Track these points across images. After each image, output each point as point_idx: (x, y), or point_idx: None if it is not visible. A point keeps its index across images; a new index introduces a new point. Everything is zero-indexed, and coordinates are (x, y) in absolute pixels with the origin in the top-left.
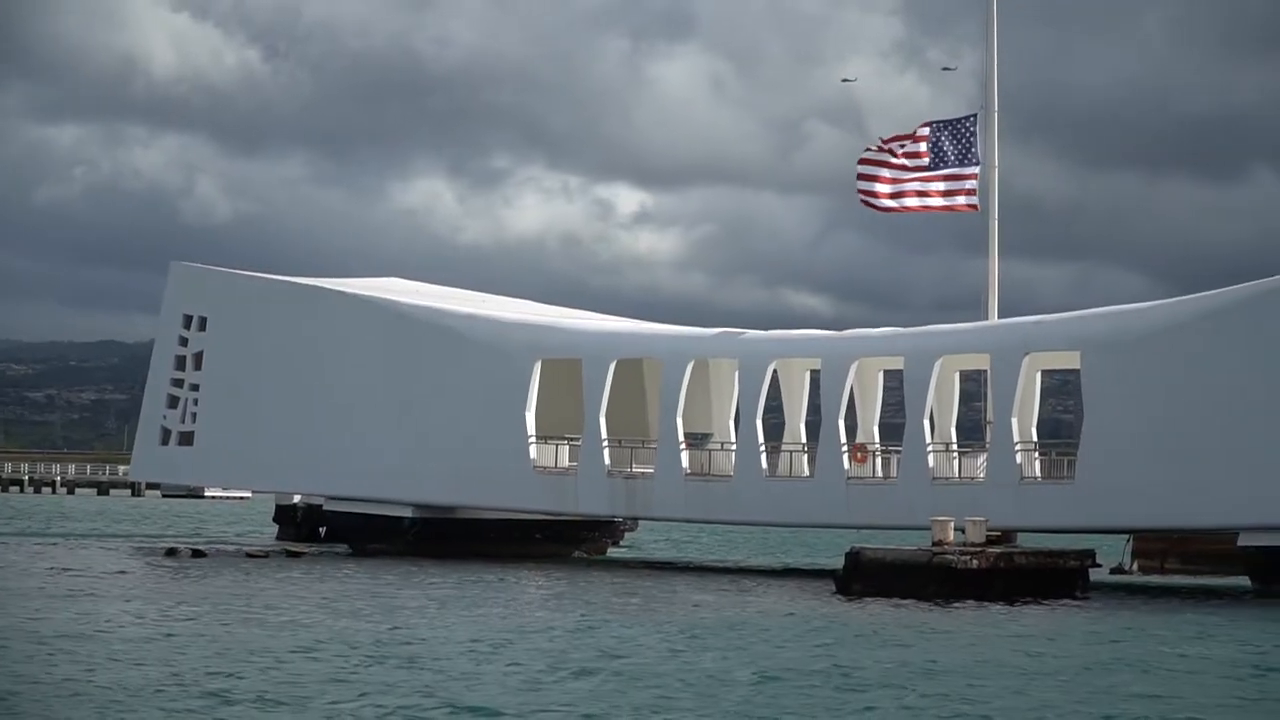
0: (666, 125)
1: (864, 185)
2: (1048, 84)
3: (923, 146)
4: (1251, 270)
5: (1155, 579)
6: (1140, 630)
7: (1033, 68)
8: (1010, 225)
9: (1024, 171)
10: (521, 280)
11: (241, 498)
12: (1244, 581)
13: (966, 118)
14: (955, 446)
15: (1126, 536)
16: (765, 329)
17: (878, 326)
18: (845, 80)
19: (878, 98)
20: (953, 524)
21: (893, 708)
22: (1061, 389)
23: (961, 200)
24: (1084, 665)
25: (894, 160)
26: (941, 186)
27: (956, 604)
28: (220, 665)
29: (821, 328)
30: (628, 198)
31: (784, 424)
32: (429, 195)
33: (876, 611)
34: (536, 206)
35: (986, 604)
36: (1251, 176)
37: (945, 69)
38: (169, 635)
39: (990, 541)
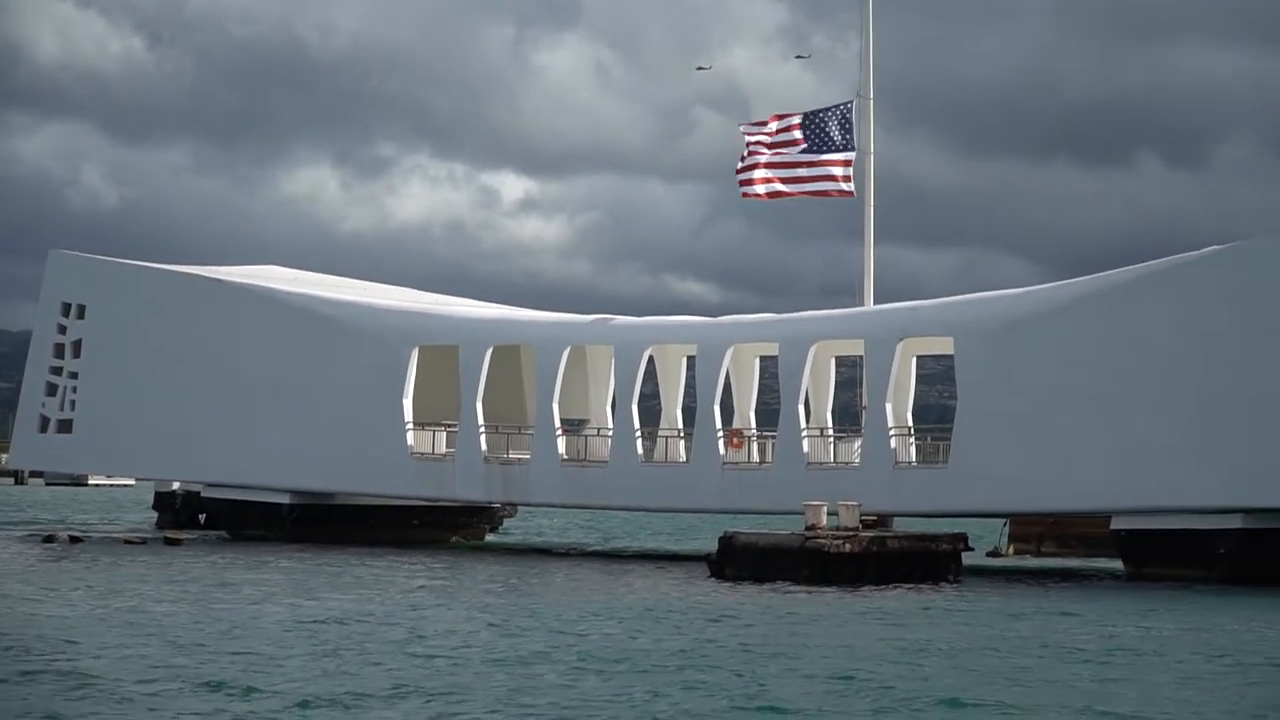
0: (552, 113)
1: (743, 175)
2: (933, 71)
3: (798, 134)
4: (1136, 256)
5: (1031, 562)
6: (996, 613)
7: (918, 55)
8: (896, 212)
9: (910, 159)
10: (406, 268)
11: (125, 485)
12: (1118, 564)
13: (843, 104)
14: (830, 432)
15: (1004, 520)
16: (651, 316)
17: (762, 313)
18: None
19: (762, 85)
20: (825, 508)
21: (678, 687)
22: (947, 375)
23: (838, 186)
24: (919, 647)
25: (767, 147)
26: (818, 173)
27: (829, 588)
28: (40, 648)
29: (707, 314)
30: (513, 185)
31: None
32: (314, 183)
33: (742, 595)
34: (422, 194)
35: (859, 588)
36: (1136, 163)
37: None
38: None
39: (866, 526)
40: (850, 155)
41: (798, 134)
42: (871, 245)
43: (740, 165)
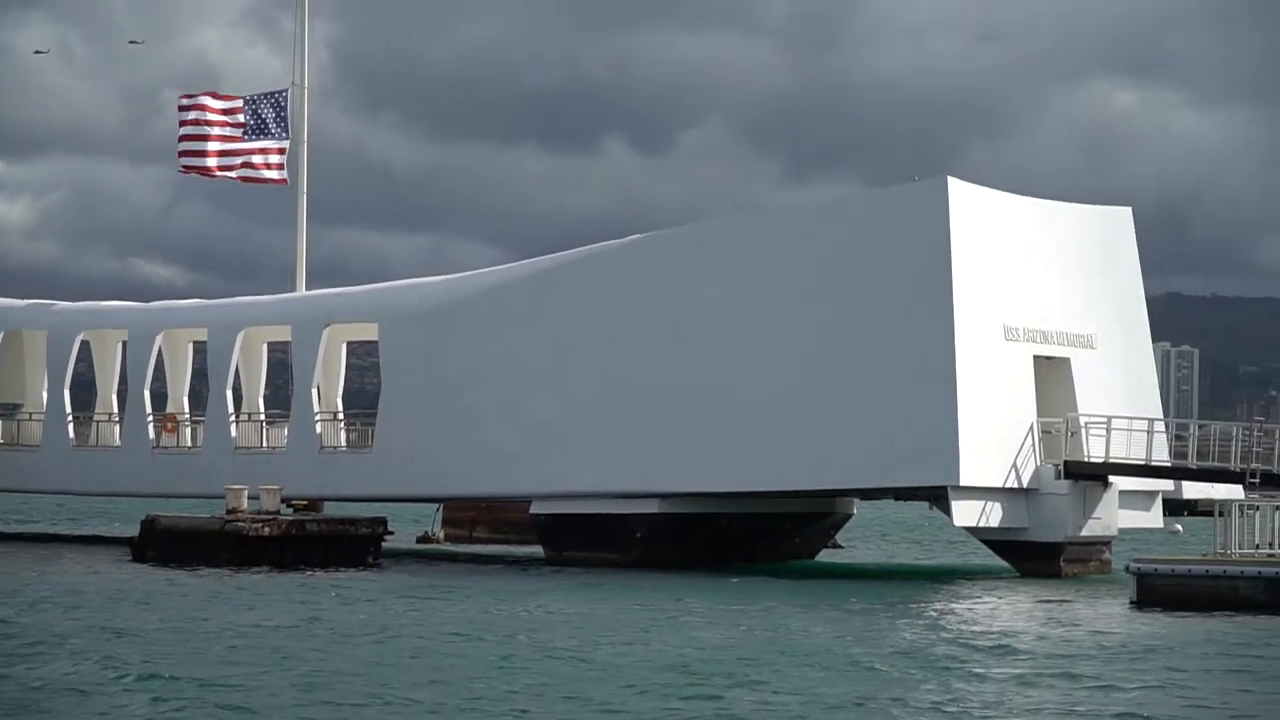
0: (17, 94)
1: (185, 160)
2: (401, 55)
3: (240, 119)
4: (602, 236)
5: (457, 547)
6: (354, 592)
7: (387, 39)
8: (364, 196)
9: (376, 143)
10: None
11: None
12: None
13: (278, 91)
14: (260, 416)
15: (438, 505)
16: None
17: (231, 297)
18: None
19: (232, 68)
20: (247, 492)
21: None
22: None
23: (270, 174)
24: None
25: (209, 124)
26: (253, 160)
27: (250, 570)
28: None
29: (175, 298)
30: None
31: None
32: None
33: (144, 578)
34: None
35: (280, 571)
36: (601, 147)
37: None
38: None
39: (297, 510)
40: (284, 143)
41: (241, 118)
42: (304, 231)
43: (180, 137)
